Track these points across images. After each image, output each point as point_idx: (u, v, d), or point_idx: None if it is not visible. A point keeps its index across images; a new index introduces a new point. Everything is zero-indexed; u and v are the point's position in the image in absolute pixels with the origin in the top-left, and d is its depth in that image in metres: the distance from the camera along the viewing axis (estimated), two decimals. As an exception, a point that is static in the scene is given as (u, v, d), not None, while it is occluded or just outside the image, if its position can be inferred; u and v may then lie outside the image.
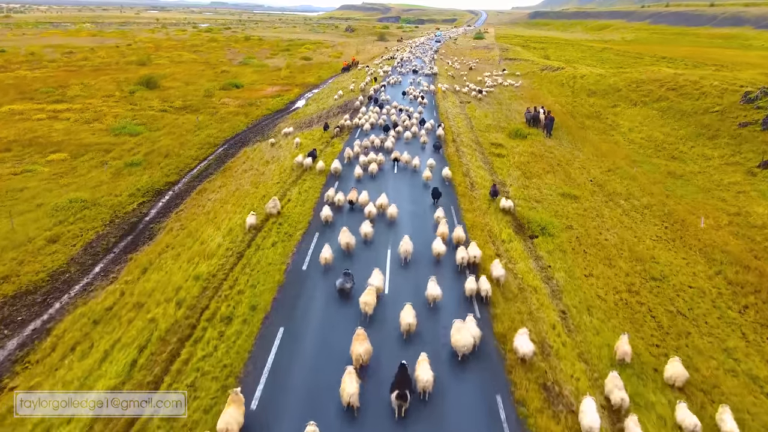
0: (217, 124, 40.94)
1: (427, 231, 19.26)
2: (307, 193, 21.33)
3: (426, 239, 17.98)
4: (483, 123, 40.54)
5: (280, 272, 14.70)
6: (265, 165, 27.47)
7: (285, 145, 31.87)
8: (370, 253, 17.29)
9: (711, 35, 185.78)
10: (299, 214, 19.01)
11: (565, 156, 32.80)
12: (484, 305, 14.58)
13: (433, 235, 18.20)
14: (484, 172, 27.57)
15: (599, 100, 48.29)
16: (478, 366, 12.05)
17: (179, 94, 52.90)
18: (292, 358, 11.68)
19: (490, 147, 33.57)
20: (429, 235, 18.65)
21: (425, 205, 22.28)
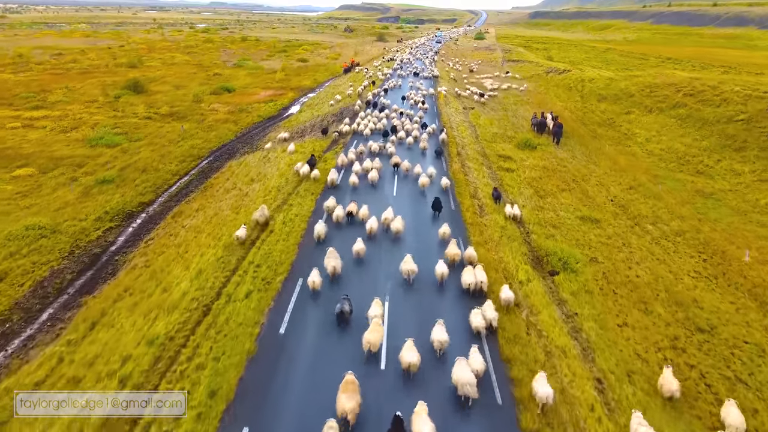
0: (204, 133, 38.13)
1: (429, 247, 18.05)
2: (293, 223, 18.50)
3: (428, 256, 16.81)
4: (489, 131, 37.76)
5: (252, 338, 11.87)
6: (249, 184, 24.68)
7: (273, 158, 29.08)
8: (364, 276, 15.83)
9: (714, 35, 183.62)
10: (281, 252, 16.18)
11: (580, 170, 30.03)
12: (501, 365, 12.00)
13: (436, 252, 17.31)
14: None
15: (611, 106, 45.49)
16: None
17: (167, 100, 50.09)
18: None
19: (498, 160, 30.79)
20: (431, 252, 17.56)
21: (426, 217, 20.75)
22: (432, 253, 17.50)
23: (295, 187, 22.86)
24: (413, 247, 17.59)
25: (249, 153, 32.76)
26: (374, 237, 18.10)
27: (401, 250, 17.19)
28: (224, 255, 16.47)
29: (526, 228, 21.44)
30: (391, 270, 16.06)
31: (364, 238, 17.30)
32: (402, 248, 17.58)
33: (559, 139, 36.16)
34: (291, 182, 23.61)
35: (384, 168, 26.22)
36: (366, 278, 15.72)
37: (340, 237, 18.20)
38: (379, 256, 17.12)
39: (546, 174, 28.89)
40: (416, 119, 37.51)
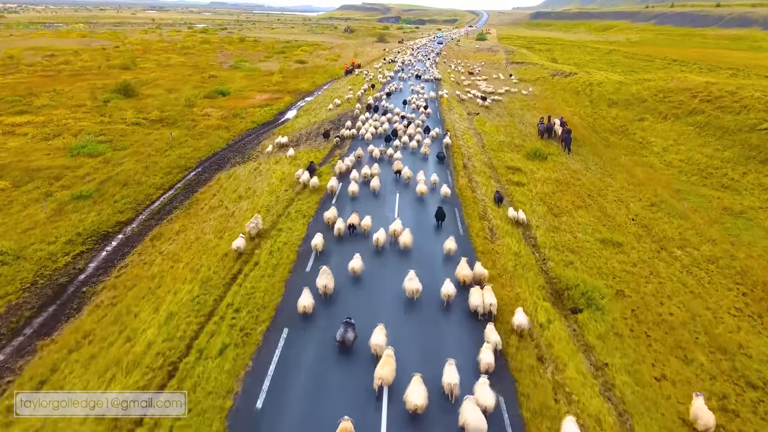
0: (193, 141, 36.01)
1: (433, 262, 17.02)
2: (281, 253, 16.34)
3: (431, 272, 15.94)
4: (495, 140, 35.62)
5: (221, 415, 9.69)
6: (237, 201, 22.55)
7: (265, 171, 26.96)
8: (361, 295, 14.66)
9: (718, 36, 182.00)
10: (265, 292, 14.01)
11: (595, 184, 27.90)
12: None
13: (441, 267, 16.48)
14: (504, 210, 22.61)
15: (623, 112, 43.37)
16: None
17: (158, 104, 47.97)
18: None
19: (507, 172, 28.65)
20: (435, 267, 16.62)
21: (429, 228, 19.65)
22: (436, 268, 16.57)
23: (285, 206, 20.73)
24: (415, 262, 16.57)
25: (240, 164, 30.64)
26: (381, 250, 17.24)
27: (401, 265, 16.13)
28: (200, 294, 14.33)
29: (542, 253, 19.32)
30: (390, 288, 14.96)
31: (369, 252, 16.59)
32: (402, 262, 16.50)
33: (569, 147, 34.14)
34: (282, 200, 21.49)
35: (386, 174, 25.21)
36: (362, 298, 14.54)
37: (339, 251, 17.11)
38: (377, 273, 15.95)
39: (559, 188, 26.77)
40: (418, 122, 35.91)
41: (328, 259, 16.34)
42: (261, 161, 29.74)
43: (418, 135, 32.44)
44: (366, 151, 28.86)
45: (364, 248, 16.97)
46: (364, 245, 17.35)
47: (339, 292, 14.51)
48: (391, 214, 20.27)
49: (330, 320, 13.13)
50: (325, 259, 16.29)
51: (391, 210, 21.11)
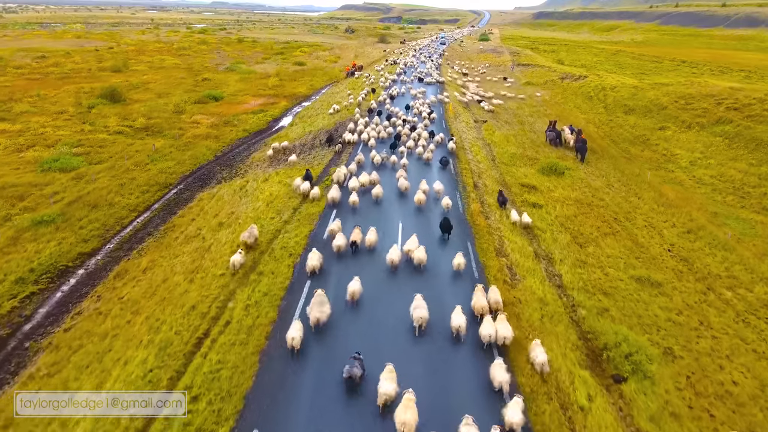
0: (178, 153, 33.16)
1: (440, 282, 15.59)
2: (258, 309, 13.35)
3: (439, 295, 14.54)
4: (506, 152, 32.71)
5: None
6: (216, 230, 19.68)
7: (251, 191, 24.09)
8: (359, 324, 13.20)
9: (725, 37, 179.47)
10: (233, 370, 10.89)
11: (621, 205, 24.99)
12: None
13: (449, 289, 15.17)
14: (522, 240, 19.72)
15: (641, 120, 40.42)
16: None
17: (145, 110, 45.15)
18: None
19: (522, 191, 25.76)
20: (443, 288, 15.22)
21: (433, 242, 17.98)
22: (444, 289, 15.15)
23: (270, 239, 17.84)
24: (422, 280, 15.34)
25: (226, 180, 27.79)
26: (395, 270, 15.83)
27: (406, 286, 14.74)
28: (155, 366, 11.46)
29: (570, 297, 16.44)
30: (393, 314, 13.58)
31: (371, 271, 15.51)
32: (408, 282, 15.13)
33: (584, 156, 31.45)
34: (267, 231, 18.61)
35: (390, 181, 24.02)
36: (362, 328, 13.05)
37: (338, 270, 15.71)
38: (379, 295, 14.48)
39: (581, 210, 23.87)
40: (421, 126, 34.08)
41: (324, 279, 15.02)
42: (249, 178, 26.87)
43: (423, 140, 30.93)
44: (368, 157, 27.39)
45: (368, 267, 15.92)
46: (369, 263, 16.19)
47: (335, 320, 13.06)
48: (394, 226, 19.19)
49: (324, 369, 11.40)
50: (320, 279, 14.99)
51: (393, 220, 19.94)
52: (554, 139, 35.29)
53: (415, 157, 28.65)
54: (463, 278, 15.88)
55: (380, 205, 21.54)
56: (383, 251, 16.56)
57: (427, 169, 26.68)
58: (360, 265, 15.97)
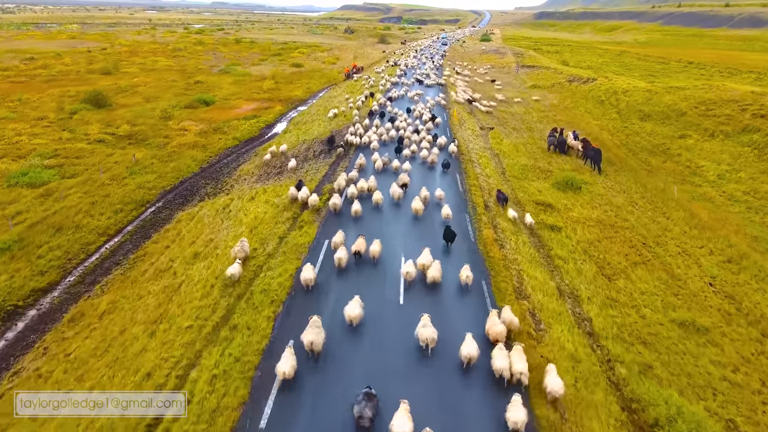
0: (160, 164, 30.55)
1: (448, 298, 14.73)
2: (225, 381, 10.62)
3: (445, 313, 13.78)
4: (516, 163, 30.09)
5: None
6: (191, 263, 17.06)
7: (235, 211, 21.51)
8: (359, 349, 12.26)
9: (729, 37, 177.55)
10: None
11: (648, 226, 22.37)
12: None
13: (457, 305, 14.42)
14: (543, 274, 17.09)
15: (659, 128, 37.80)
16: None
17: (130, 116, 42.54)
18: None
19: (537, 210, 23.13)
20: (450, 304, 14.44)
21: (437, 253, 16.80)
22: (451, 305, 14.33)
23: (251, 279, 15.18)
24: (428, 297, 14.50)
25: (209, 197, 25.17)
26: (410, 286, 14.91)
27: (410, 305, 13.90)
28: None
29: (605, 349, 13.83)
30: (397, 335, 12.72)
31: (375, 288, 14.62)
32: (412, 301, 14.20)
33: (600, 166, 29.08)
34: (248, 266, 15.97)
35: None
36: (363, 353, 12.06)
37: (338, 287, 14.75)
38: (379, 315, 13.50)
39: (605, 234, 21.26)
40: (424, 130, 32.97)
41: (320, 298, 14.17)
42: (234, 195, 24.26)
43: (426, 142, 30.02)
44: (370, 161, 26.79)
45: (374, 283, 15.10)
46: (372, 279, 15.31)
47: (332, 344, 12.13)
48: (398, 237, 18.33)
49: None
50: (316, 297, 14.15)
51: (396, 230, 19.11)
52: (558, 145, 32.85)
53: (418, 161, 27.81)
54: (472, 295, 14.94)
55: (381, 212, 20.57)
56: (387, 263, 15.87)
57: (430, 174, 25.89)
58: (362, 281, 15.02)
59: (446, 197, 21.60)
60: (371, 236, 16.99)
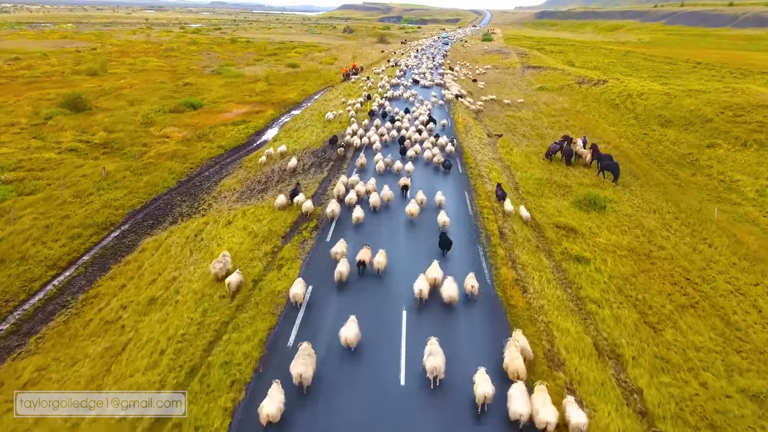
0: (133, 178, 27.43)
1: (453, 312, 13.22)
2: None
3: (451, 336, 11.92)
4: (530, 176, 26.95)
5: None
6: (143, 314, 13.92)
7: (207, 239, 18.40)
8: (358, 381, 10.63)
9: (734, 37, 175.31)
10: None
11: (688, 256, 19.25)
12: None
13: (463, 327, 12.72)
14: (575, 326, 13.94)
15: (683, 135, 34.68)
16: None
17: (109, 122, 39.41)
18: None
19: (558, 236, 20.00)
20: (455, 325, 12.68)
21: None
22: (458, 321, 12.99)
23: (209, 344, 11.96)
24: (432, 314, 13.23)
25: (183, 218, 22.01)
26: (424, 304, 13.62)
27: (413, 325, 12.60)
28: None
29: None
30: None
31: (375, 306, 13.38)
32: (416, 319, 12.93)
33: (617, 176, 26.26)
34: (208, 324, 12.74)
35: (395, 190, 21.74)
36: (360, 386, 10.57)
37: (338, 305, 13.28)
38: (377, 337, 12.07)
39: (641, 266, 18.15)
40: (425, 129, 32.03)
41: (315, 320, 12.67)
42: (210, 217, 21.12)
43: (429, 143, 28.73)
44: (371, 162, 25.84)
45: (377, 299, 13.78)
46: (375, 294, 14.03)
47: (325, 374, 10.77)
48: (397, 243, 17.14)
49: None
50: (311, 319, 12.68)
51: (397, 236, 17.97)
52: (564, 155, 29.78)
53: (421, 162, 26.84)
54: (479, 306, 13.58)
55: (380, 219, 19.27)
56: (391, 277, 14.78)
57: (433, 176, 24.87)
58: (365, 298, 13.69)
59: (447, 204, 20.31)
60: (366, 244, 15.64)
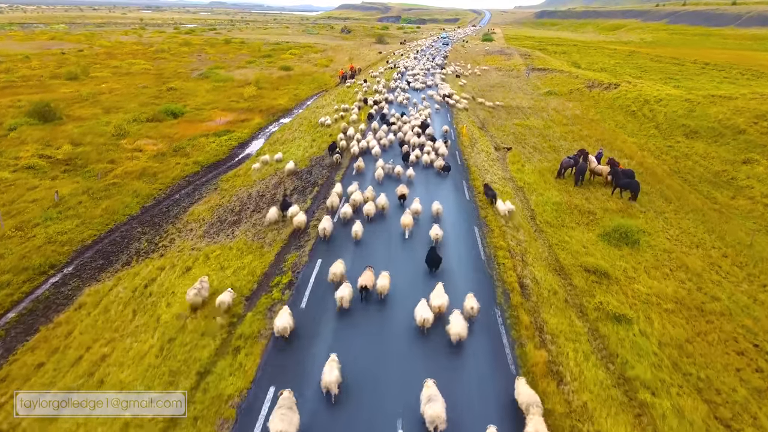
0: (91, 203, 23.81)
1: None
2: None
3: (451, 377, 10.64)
4: (547, 200, 23.36)
5: None
6: (51, 420, 10.30)
7: (157, 296, 14.80)
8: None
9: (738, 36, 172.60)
10: None
11: (750, 310, 15.68)
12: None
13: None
14: (627, 429, 10.36)
15: (714, 149, 31.12)
16: None
17: (79, 133, 35.79)
18: None
19: (587, 282, 16.42)
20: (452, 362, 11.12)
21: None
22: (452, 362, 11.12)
23: None
24: (429, 348, 11.56)
25: (137, 260, 18.41)
26: (427, 333, 11.85)
27: (405, 362, 11.06)
28: None
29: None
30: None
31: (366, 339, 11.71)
32: (409, 354, 11.36)
33: (636, 195, 22.83)
34: None
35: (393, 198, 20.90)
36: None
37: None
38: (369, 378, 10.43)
39: (694, 326, 14.60)
40: (418, 129, 31.36)
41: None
42: (167, 260, 17.53)
43: (429, 146, 27.93)
44: (369, 167, 25.33)
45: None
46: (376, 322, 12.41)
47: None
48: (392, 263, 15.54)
49: None
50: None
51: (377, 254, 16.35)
52: (577, 172, 26.22)
53: (420, 166, 26.10)
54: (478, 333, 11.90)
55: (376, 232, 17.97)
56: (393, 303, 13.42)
57: (436, 182, 24.02)
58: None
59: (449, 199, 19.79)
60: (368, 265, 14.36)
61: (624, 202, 23.79)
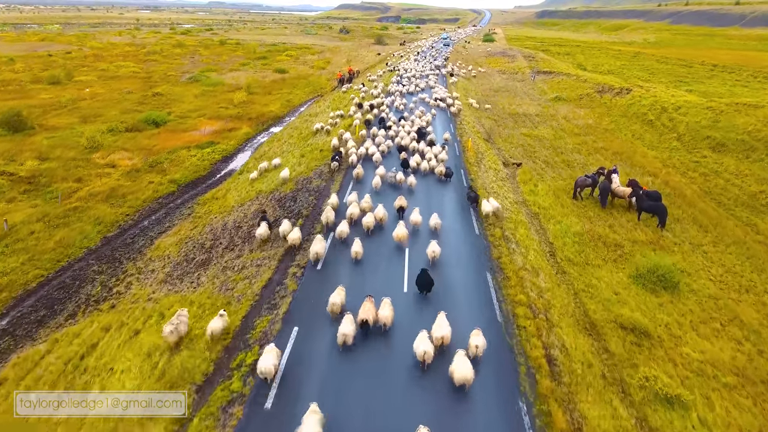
0: (45, 233, 20.81)
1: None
2: None
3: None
4: (566, 230, 20.34)
5: None
6: None
7: (97, 365, 11.82)
8: None
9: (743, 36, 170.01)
10: None
11: (830, 385, 12.69)
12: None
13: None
14: None
15: (746, 165, 28.12)
16: None
17: (48, 145, 32.81)
18: None
19: (625, 343, 13.45)
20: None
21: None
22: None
23: None
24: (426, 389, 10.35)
25: (84, 311, 15.41)
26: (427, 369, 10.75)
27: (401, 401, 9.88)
28: None
29: None
30: None
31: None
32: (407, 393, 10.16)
33: (665, 221, 19.84)
34: None
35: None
36: None
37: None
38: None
39: (763, 411, 11.60)
40: (413, 133, 30.59)
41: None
42: (120, 310, 14.54)
43: (430, 153, 27.05)
44: (368, 175, 24.25)
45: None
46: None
47: None
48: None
49: None
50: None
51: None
52: (601, 194, 23.27)
53: (420, 173, 25.24)
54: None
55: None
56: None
57: (437, 190, 22.95)
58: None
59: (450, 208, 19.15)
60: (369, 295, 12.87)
61: (653, 230, 20.81)
